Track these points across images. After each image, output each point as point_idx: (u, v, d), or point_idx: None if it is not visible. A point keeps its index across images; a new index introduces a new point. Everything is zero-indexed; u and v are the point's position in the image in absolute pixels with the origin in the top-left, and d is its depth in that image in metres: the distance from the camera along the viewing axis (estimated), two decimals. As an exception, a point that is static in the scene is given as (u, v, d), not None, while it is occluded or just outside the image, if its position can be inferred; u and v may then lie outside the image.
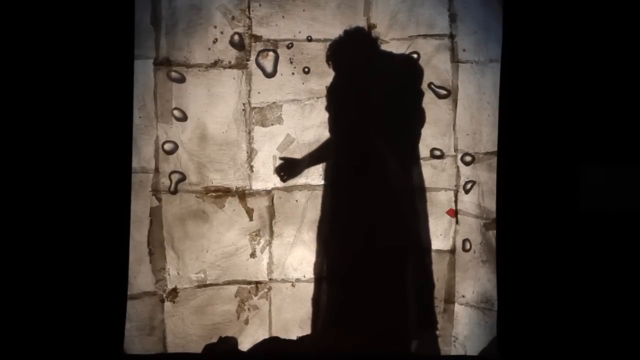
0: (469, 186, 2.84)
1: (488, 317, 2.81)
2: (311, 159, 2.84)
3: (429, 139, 2.83)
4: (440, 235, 2.84)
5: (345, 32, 2.78)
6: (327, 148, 2.84)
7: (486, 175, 2.81)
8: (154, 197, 2.78)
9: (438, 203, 2.84)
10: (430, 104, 2.81)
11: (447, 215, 2.84)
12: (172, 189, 2.78)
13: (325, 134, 2.83)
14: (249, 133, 2.81)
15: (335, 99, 2.82)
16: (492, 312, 2.80)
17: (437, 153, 2.83)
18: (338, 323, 2.82)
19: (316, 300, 2.84)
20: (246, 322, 2.83)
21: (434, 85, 2.81)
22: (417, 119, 2.82)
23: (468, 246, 2.84)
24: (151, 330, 2.77)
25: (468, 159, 2.83)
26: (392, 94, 2.81)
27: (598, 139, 2.76)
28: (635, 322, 2.73)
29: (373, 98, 2.80)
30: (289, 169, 2.84)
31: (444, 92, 2.81)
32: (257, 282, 2.84)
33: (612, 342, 2.72)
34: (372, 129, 2.81)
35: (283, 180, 2.83)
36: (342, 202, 2.84)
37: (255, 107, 2.81)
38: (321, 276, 2.84)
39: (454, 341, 2.83)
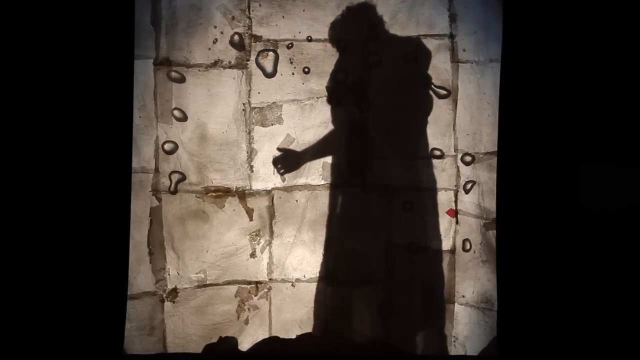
0: (469, 186, 2.84)
1: (488, 317, 2.81)
2: (313, 153, 2.83)
3: (429, 138, 2.82)
4: (441, 234, 2.84)
5: (348, 8, 2.77)
6: (329, 143, 2.83)
7: (486, 175, 2.81)
8: (154, 197, 2.77)
9: (438, 203, 2.84)
10: (430, 103, 2.81)
11: (447, 215, 2.84)
12: (172, 189, 2.78)
13: (326, 134, 2.83)
14: (249, 133, 2.81)
15: (337, 88, 2.81)
16: (492, 312, 2.80)
17: (437, 153, 2.83)
18: (348, 322, 2.83)
19: (322, 300, 2.84)
20: (246, 322, 2.83)
21: (434, 85, 2.81)
22: (423, 108, 2.81)
23: (468, 246, 2.84)
24: (151, 330, 2.77)
25: (468, 159, 2.83)
26: (398, 79, 2.80)
27: (598, 138, 2.76)
28: (635, 322, 2.73)
29: (377, 86, 2.79)
30: (287, 161, 2.83)
31: (444, 92, 2.81)
32: (257, 282, 2.84)
33: (612, 342, 2.72)
34: (376, 121, 2.80)
35: (281, 173, 2.82)
36: (350, 200, 2.84)
37: (255, 107, 2.81)
38: (329, 276, 2.84)
39: (454, 341, 2.83)
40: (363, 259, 2.85)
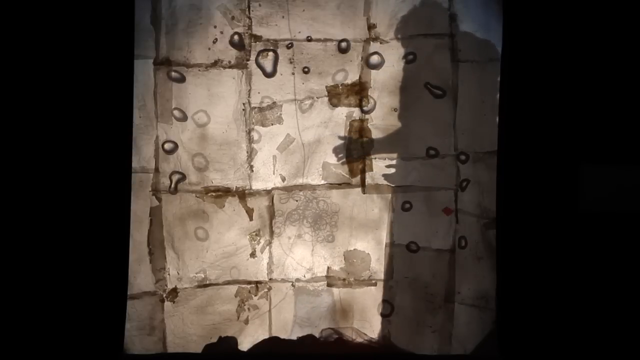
0: (469, 185, 2.83)
1: (487, 315, 2.81)
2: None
3: (428, 137, 2.82)
4: (440, 234, 2.84)
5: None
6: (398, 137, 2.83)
7: (486, 175, 2.81)
8: (154, 197, 2.78)
9: (438, 202, 2.84)
10: (430, 103, 2.81)
11: (447, 215, 2.84)
12: (172, 189, 2.78)
13: (325, 133, 2.82)
14: (249, 133, 2.81)
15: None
16: (491, 310, 2.80)
17: (432, 152, 2.82)
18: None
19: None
20: (246, 322, 2.83)
21: (431, 85, 2.80)
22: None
23: (463, 243, 2.83)
24: (151, 330, 2.77)
25: (468, 158, 2.82)
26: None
27: (599, 138, 2.75)
28: (635, 322, 2.73)
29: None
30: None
31: (440, 92, 2.80)
32: (257, 282, 2.84)
33: (611, 342, 2.71)
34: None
35: (339, 158, 2.82)
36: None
37: (255, 107, 2.81)
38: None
39: (453, 340, 2.82)
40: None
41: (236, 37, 2.78)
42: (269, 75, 2.80)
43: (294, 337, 2.83)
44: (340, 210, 2.85)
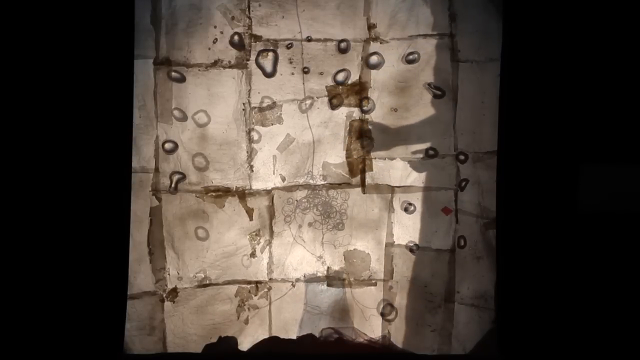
0: (468, 185, 2.83)
1: (487, 315, 2.81)
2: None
3: (428, 137, 2.82)
4: (440, 234, 2.84)
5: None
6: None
7: (486, 175, 2.81)
8: (154, 197, 2.78)
9: (438, 202, 2.84)
10: (430, 103, 2.81)
11: (447, 215, 2.84)
12: (172, 189, 2.78)
13: (326, 134, 2.82)
14: (249, 133, 2.81)
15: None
16: (490, 310, 2.80)
17: (432, 152, 2.83)
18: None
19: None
20: (246, 322, 2.83)
21: (430, 86, 2.80)
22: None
23: (462, 243, 2.84)
24: (151, 330, 2.77)
25: (464, 157, 2.83)
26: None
27: (598, 138, 2.76)
28: (635, 322, 2.73)
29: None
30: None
31: (439, 92, 2.81)
32: (257, 282, 2.84)
33: (611, 342, 2.72)
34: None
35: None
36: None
37: (255, 107, 2.81)
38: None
39: (453, 340, 2.83)
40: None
41: (236, 37, 2.78)
42: (269, 75, 2.80)
43: (294, 337, 2.83)
44: (340, 211, 2.85)
